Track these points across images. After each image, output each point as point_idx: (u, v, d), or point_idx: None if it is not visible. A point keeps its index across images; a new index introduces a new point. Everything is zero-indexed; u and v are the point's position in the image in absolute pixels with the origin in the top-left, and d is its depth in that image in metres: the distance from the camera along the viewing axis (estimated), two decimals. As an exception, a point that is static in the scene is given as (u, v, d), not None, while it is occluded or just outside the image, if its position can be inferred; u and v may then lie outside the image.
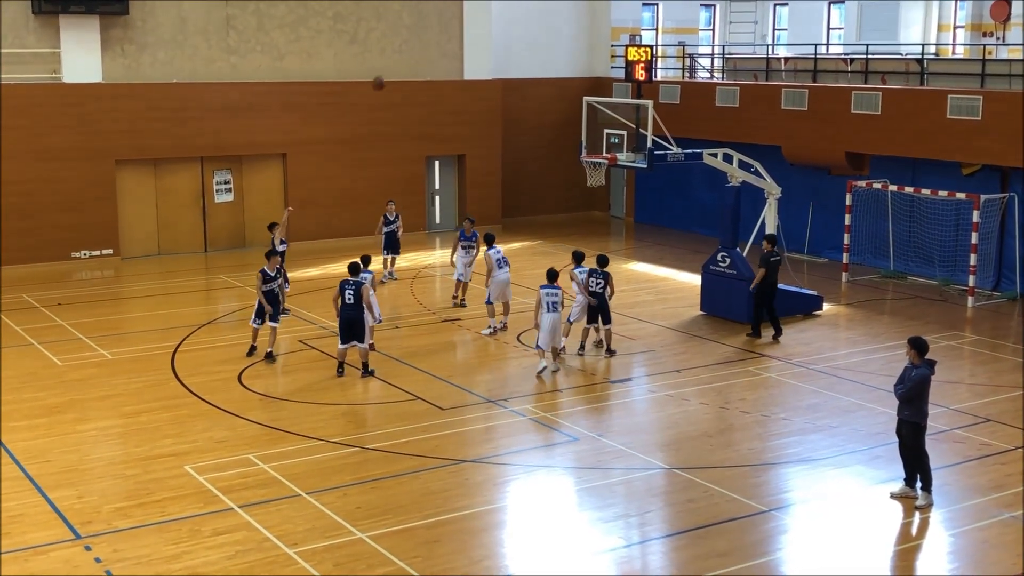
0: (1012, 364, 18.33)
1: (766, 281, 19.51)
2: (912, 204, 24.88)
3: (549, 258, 27.02)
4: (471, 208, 31.14)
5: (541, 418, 15.52)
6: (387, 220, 23.77)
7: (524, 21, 32.36)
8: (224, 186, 27.94)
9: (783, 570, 11.28)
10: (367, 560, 11.20)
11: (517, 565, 11.32)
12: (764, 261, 19.60)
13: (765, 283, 19.51)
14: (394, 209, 24.07)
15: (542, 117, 32.67)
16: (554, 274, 17.65)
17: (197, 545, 11.51)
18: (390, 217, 23.79)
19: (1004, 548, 11.55)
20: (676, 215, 31.28)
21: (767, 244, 19.91)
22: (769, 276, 19.56)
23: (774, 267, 19.62)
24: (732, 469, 13.73)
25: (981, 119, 22.76)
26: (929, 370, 12.52)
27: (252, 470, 13.53)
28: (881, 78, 26.17)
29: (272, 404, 16.16)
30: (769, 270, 19.52)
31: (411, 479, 13.30)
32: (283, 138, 28.20)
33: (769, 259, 19.55)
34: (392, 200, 24.84)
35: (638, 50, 22.61)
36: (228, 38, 27.58)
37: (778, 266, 19.78)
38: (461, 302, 21.81)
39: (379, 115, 29.22)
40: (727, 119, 28.33)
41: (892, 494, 12.83)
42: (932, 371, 12.58)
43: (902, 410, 12.70)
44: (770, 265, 19.52)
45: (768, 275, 19.53)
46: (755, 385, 17.21)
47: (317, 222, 28.72)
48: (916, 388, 12.46)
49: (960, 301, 22.56)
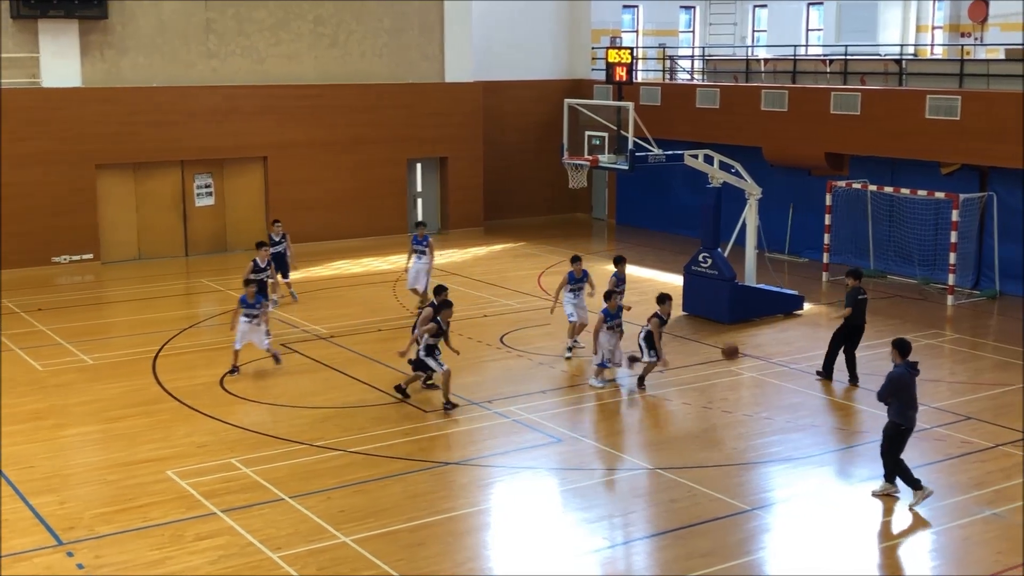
0: (992, 362, 18.45)
1: (852, 323, 17.04)
2: (892, 204, 25.01)
3: (532, 260, 27.10)
4: (454, 211, 31.19)
5: (524, 420, 15.53)
6: (272, 241, 21.77)
7: (504, 23, 32.38)
8: (205, 190, 27.85)
9: (766, 569, 11.32)
10: (351, 564, 11.18)
11: (502, 567, 11.33)
12: (850, 300, 17.03)
13: (850, 324, 17.05)
14: (280, 229, 22.18)
15: (523, 119, 32.70)
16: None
17: (180, 550, 11.48)
18: (275, 238, 21.90)
19: (986, 545, 11.63)
20: (658, 216, 31.35)
21: (852, 280, 17.14)
22: (855, 318, 17.05)
23: (862, 307, 17.11)
24: (715, 469, 13.77)
25: (960, 119, 22.89)
26: (905, 370, 12.52)
27: (234, 474, 13.49)
28: (860, 79, 26.29)
29: (254, 408, 16.12)
30: (856, 310, 17.02)
31: (395, 482, 13.29)
32: (264, 141, 28.14)
33: (856, 297, 17.00)
34: (278, 220, 23.11)
35: (619, 52, 22.64)
36: (208, 42, 27.51)
37: (865, 306, 17.25)
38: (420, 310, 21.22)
39: (360, 118, 29.20)
40: (708, 120, 28.41)
41: (874, 492, 12.89)
42: (910, 371, 12.56)
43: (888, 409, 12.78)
44: (857, 304, 17.01)
45: (855, 316, 17.03)
46: (737, 385, 17.27)
47: (300, 225, 28.60)
48: (887, 387, 12.53)
49: (940, 300, 22.69)
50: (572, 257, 19.13)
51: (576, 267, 18.71)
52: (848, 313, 16.91)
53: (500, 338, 19.79)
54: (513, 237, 30.31)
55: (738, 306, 20.92)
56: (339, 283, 24.70)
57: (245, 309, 17.41)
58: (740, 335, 20.04)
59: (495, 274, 25.30)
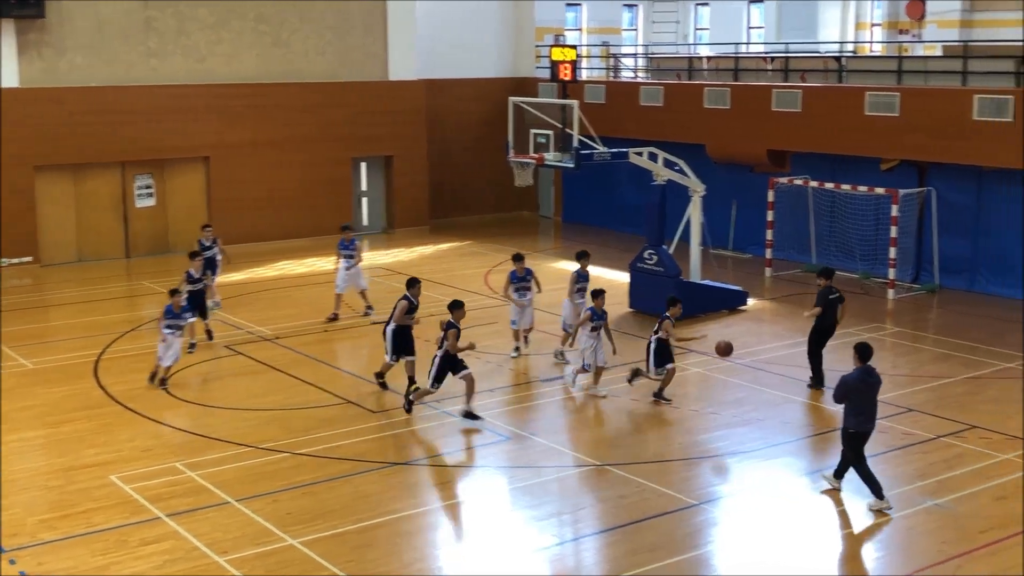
0: (932, 355, 18.74)
1: (824, 322, 16.58)
2: (833, 200, 25.31)
3: (478, 258, 27.08)
4: (399, 210, 31.09)
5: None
6: (203, 246, 20.88)
7: (448, 22, 32.32)
8: (146, 190, 27.52)
9: (714, 563, 11.41)
10: (299, 566, 11.10)
11: (451, 567, 11.31)
12: (821, 299, 16.56)
13: (822, 325, 16.56)
14: (211, 234, 21.39)
15: (469, 117, 32.66)
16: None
17: (125, 556, 11.32)
18: (206, 243, 21.02)
19: (929, 535, 11.80)
20: (603, 214, 31.46)
21: (823, 280, 16.66)
22: (826, 318, 16.55)
23: (833, 306, 16.59)
24: (662, 464, 13.85)
25: (899, 115, 23.22)
26: (858, 375, 12.38)
27: (179, 478, 13.34)
28: (801, 76, 26.58)
29: (198, 411, 15.94)
30: (827, 310, 16.53)
31: (342, 483, 13.21)
32: (206, 141, 27.86)
33: (827, 297, 16.51)
34: (209, 225, 22.39)
35: (563, 50, 22.71)
36: (148, 40, 27.17)
37: (838, 305, 16.65)
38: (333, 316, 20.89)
39: (304, 117, 29.01)
40: (652, 118, 28.57)
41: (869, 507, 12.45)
42: (862, 376, 12.35)
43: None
44: (829, 304, 16.52)
45: (825, 316, 16.53)
46: (683, 381, 17.37)
47: (242, 225, 28.40)
48: (838, 389, 12.47)
49: (881, 294, 23.00)
50: (514, 255, 18.83)
51: (519, 265, 18.43)
52: (818, 312, 16.41)
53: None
54: (459, 236, 30.27)
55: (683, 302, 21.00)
56: (284, 284, 24.51)
57: (170, 320, 16.69)
58: (685, 331, 20.16)
59: (442, 273, 25.25)
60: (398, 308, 16.14)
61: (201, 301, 18.90)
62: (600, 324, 16.33)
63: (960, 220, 23.41)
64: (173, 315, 16.72)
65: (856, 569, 11.26)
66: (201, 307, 19.05)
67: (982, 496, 12.75)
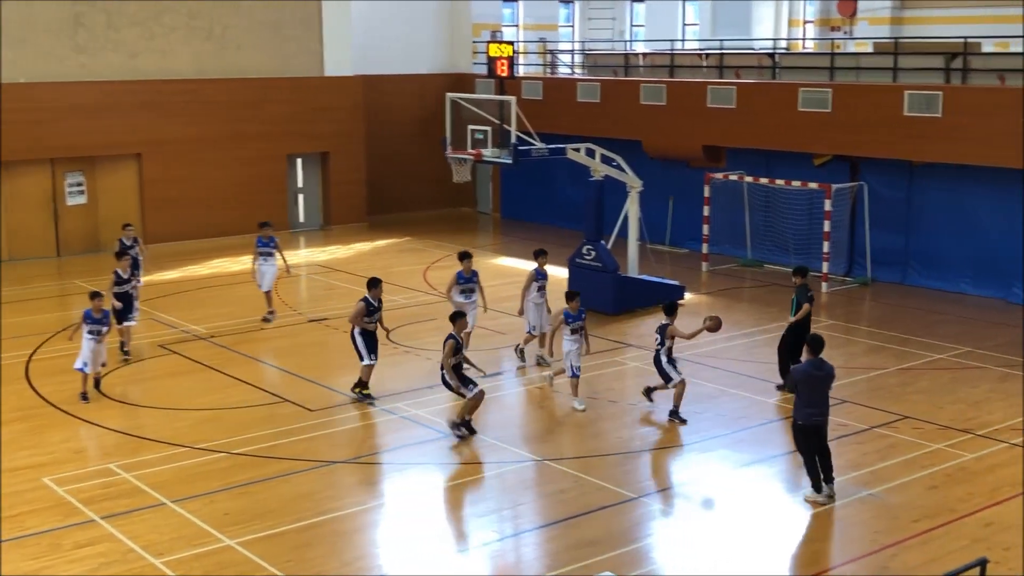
0: (865, 347, 19.03)
1: (803, 323, 16.26)
2: (767, 194, 25.61)
3: (417, 255, 26.99)
4: (336, 206, 30.89)
5: (412, 416, 15.46)
6: (123, 246, 20.13)
7: (385, 17, 32.17)
8: (76, 188, 27.06)
9: (653, 555, 11.48)
10: (237, 567, 10.99)
11: (391, 565, 11.26)
12: (804, 297, 16.28)
13: (800, 325, 16.23)
14: (132, 233, 20.63)
15: (406, 114, 32.54)
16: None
17: (58, 559, 11.13)
18: (127, 242, 20.27)
19: (862, 525, 11.99)
20: (542, 209, 31.53)
21: (799, 278, 16.52)
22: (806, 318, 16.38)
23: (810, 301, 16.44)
24: (601, 458, 13.92)
25: (831, 111, 23.55)
26: (808, 367, 12.31)
27: (114, 480, 13.14)
28: (735, 73, 26.85)
29: (132, 411, 15.71)
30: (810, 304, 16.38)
31: (280, 483, 13.10)
32: (138, 138, 27.45)
33: (807, 294, 16.35)
34: (130, 224, 21.39)
35: (500, 46, 22.69)
36: (77, 36, 26.70)
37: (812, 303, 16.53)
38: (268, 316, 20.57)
39: (238, 113, 28.71)
40: (589, 114, 28.68)
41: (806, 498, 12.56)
42: (808, 369, 12.29)
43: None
44: (809, 302, 16.36)
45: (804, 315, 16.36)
46: (622, 375, 17.48)
47: (176, 223, 28.06)
48: (788, 381, 12.52)
49: (815, 287, 23.25)
50: (460, 253, 17.91)
51: (465, 265, 17.54)
52: (809, 310, 16.19)
53: (386, 334, 19.66)
54: (397, 232, 30.15)
55: (622, 297, 21.18)
56: (218, 282, 24.24)
57: (90, 325, 15.99)
58: (624, 325, 20.30)
59: (380, 270, 25.07)
60: (356, 310, 15.92)
61: (129, 302, 18.18)
62: (579, 326, 15.91)
63: (891, 214, 23.81)
64: (93, 320, 15.94)
65: (792, 560, 11.40)
66: (128, 308, 18.26)
67: (915, 486, 12.98)
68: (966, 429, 14.83)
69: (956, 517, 12.10)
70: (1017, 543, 11.45)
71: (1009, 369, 17.55)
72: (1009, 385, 16.77)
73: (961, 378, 17.04)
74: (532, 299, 17.78)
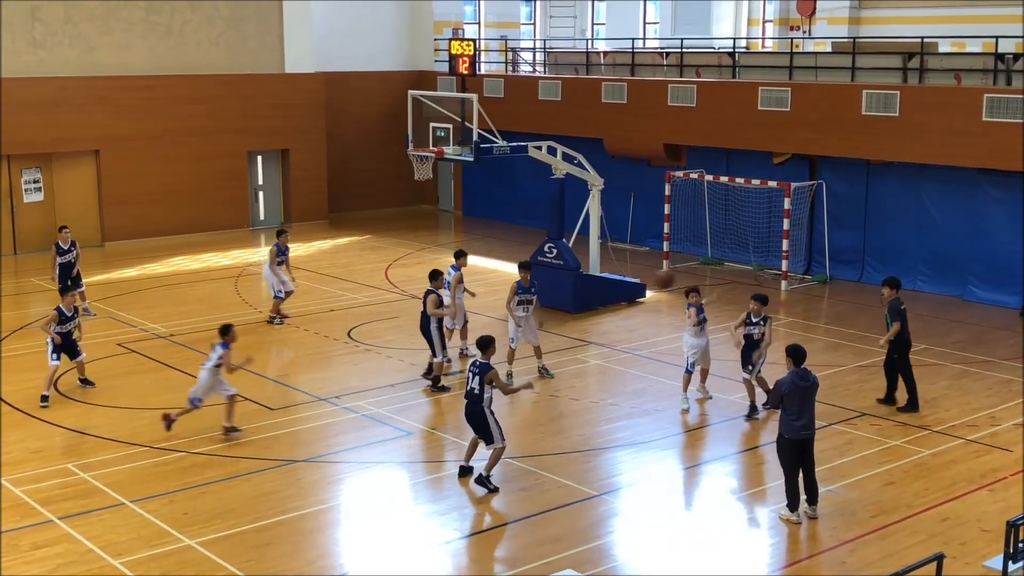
0: (824, 344, 19.20)
1: (900, 336, 15.53)
2: (727, 193, 25.77)
3: (378, 252, 26.92)
4: (296, 203, 30.73)
5: (373, 414, 15.43)
6: (60, 250, 20.14)
7: (346, 14, 32.05)
8: (33, 185, 26.75)
9: (615, 552, 11.53)
10: (197, 567, 10.92)
11: (353, 564, 11.24)
12: (895, 313, 15.50)
13: (900, 339, 15.54)
14: (68, 236, 20.40)
15: (367, 110, 32.45)
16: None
17: (15, 560, 11.01)
18: (64, 246, 20.18)
19: (821, 521, 12.07)
20: (503, 207, 31.55)
21: (889, 290, 15.66)
22: (903, 330, 15.56)
23: (904, 317, 15.58)
24: (563, 456, 13.95)
25: (790, 110, 23.74)
26: (793, 378, 11.91)
27: (71, 480, 13.01)
28: (696, 71, 26.99)
29: (90, 410, 15.55)
30: (903, 322, 15.54)
31: (241, 482, 13.03)
32: (96, 134, 27.18)
33: (900, 308, 15.51)
34: (66, 227, 21.13)
35: (461, 44, 22.67)
36: (33, 31, 26.39)
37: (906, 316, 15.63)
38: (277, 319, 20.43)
39: (198, 109, 28.49)
40: (550, 112, 28.73)
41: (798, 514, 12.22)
42: (794, 380, 11.89)
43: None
44: (902, 315, 15.50)
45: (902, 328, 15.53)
46: (583, 373, 17.53)
47: (134, 221, 27.81)
48: (773, 393, 12.13)
49: (774, 285, 23.48)
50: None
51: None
52: (898, 329, 15.39)
53: (348, 332, 19.61)
54: (359, 230, 30.06)
55: (583, 295, 21.24)
56: (178, 280, 24.04)
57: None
58: (586, 323, 20.36)
59: (341, 267, 25.06)
60: (428, 302, 16.17)
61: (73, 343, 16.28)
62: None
63: (849, 212, 24.03)
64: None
65: (751, 557, 11.48)
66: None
67: (872, 481, 13.12)
68: (923, 425, 15.01)
69: (913, 513, 12.24)
70: (973, 538, 11.61)
71: (966, 366, 17.78)
72: (966, 382, 16.99)
73: (918, 375, 17.18)
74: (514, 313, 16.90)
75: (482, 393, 12.78)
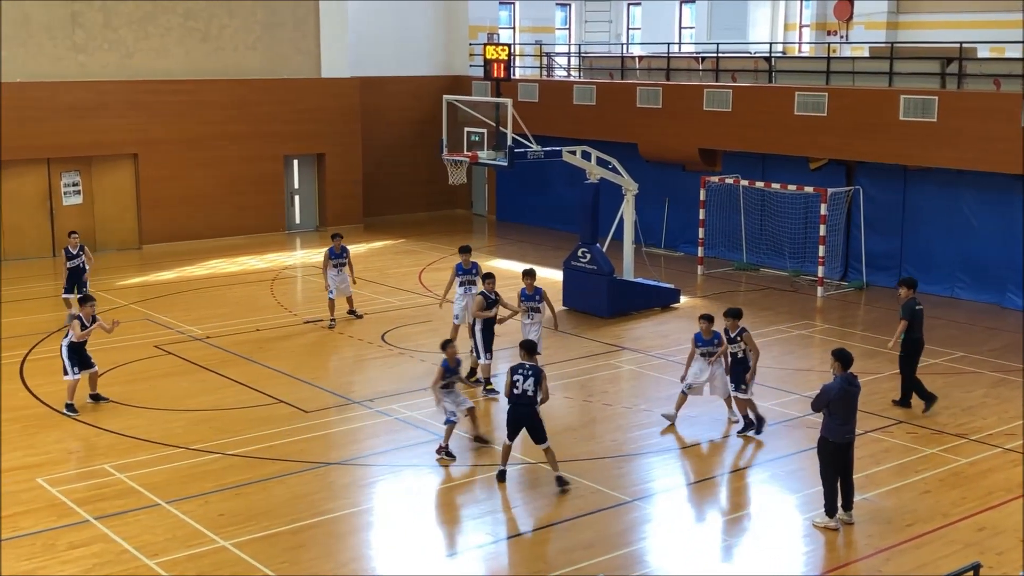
0: (860, 351, 18.98)
1: (911, 337, 15.59)
2: (763, 198, 25.64)
3: (413, 257, 27.00)
4: (332, 207, 30.86)
5: (406, 417, 15.47)
6: (69, 254, 20.22)
7: (382, 19, 32.19)
8: (72, 188, 27.05)
9: (648, 559, 11.50)
10: (231, 568, 10.99)
11: (385, 566, 11.27)
12: (907, 311, 15.52)
13: (910, 339, 15.60)
14: (77, 241, 20.42)
15: (402, 115, 32.56)
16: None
17: (52, 560, 11.12)
18: (72, 251, 20.23)
19: (856, 529, 11.98)
20: (537, 212, 31.56)
21: (906, 290, 15.67)
22: (914, 331, 15.55)
23: (919, 318, 15.57)
24: (596, 461, 13.93)
25: (827, 115, 23.58)
26: (841, 383, 11.83)
27: (108, 480, 13.13)
28: (731, 76, 26.87)
29: (127, 411, 15.69)
30: (914, 322, 15.49)
31: (275, 484, 13.10)
32: (134, 138, 27.45)
33: (914, 308, 15.50)
34: (75, 232, 21.12)
35: (496, 48, 22.71)
36: (74, 35, 26.69)
37: (922, 317, 15.69)
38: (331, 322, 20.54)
39: (234, 114, 28.71)
40: (585, 117, 28.71)
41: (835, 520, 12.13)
42: (843, 385, 11.81)
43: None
44: (915, 316, 15.48)
45: (912, 329, 15.52)
46: (616, 378, 17.49)
47: (171, 224, 28.06)
48: (818, 398, 11.99)
49: (810, 291, 23.33)
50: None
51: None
52: (905, 326, 15.41)
53: (381, 336, 19.68)
54: (393, 234, 30.16)
55: (616, 300, 21.19)
56: (214, 282, 24.23)
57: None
58: (619, 328, 20.31)
59: (375, 271, 25.15)
60: (474, 303, 16.25)
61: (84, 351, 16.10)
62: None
63: (887, 218, 23.84)
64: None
65: (786, 564, 11.41)
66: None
67: (908, 490, 13.00)
68: (960, 434, 14.87)
69: (949, 522, 12.13)
70: (1010, 548, 11.48)
71: (1003, 374, 17.59)
72: (1003, 390, 16.81)
73: (955, 383, 17.07)
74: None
75: (535, 395, 12.88)
